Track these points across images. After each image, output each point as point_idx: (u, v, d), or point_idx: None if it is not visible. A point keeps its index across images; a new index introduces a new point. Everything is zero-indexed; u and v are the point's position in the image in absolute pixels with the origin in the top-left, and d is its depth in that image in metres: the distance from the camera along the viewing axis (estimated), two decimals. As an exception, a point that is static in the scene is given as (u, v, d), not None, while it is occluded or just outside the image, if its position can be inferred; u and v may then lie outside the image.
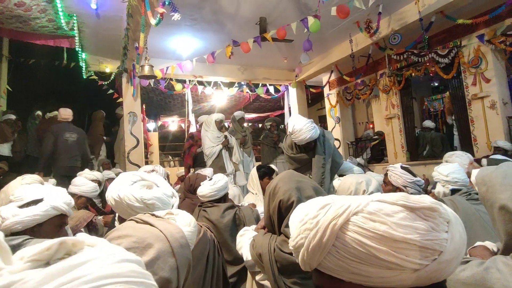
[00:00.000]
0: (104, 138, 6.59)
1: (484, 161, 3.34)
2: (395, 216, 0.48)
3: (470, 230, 1.70)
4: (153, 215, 0.88)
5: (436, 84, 7.45)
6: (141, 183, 1.27)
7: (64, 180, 4.01)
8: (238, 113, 5.28)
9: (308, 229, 0.53)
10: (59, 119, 4.80)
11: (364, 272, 0.48)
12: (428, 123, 6.38)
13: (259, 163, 5.47)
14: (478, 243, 1.13)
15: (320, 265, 0.53)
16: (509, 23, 4.52)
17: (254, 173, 2.92)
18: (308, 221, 0.54)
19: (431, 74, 5.61)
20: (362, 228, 0.49)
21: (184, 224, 0.93)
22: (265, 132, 5.40)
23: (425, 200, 0.49)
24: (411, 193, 1.79)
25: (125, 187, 1.23)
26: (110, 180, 3.98)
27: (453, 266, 0.49)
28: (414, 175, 1.84)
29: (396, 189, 2.03)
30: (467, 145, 5.23)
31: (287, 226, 1.27)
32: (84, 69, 5.65)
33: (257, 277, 1.38)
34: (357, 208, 0.50)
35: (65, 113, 4.70)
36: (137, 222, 0.82)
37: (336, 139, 7.65)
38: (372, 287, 0.49)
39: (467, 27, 4.83)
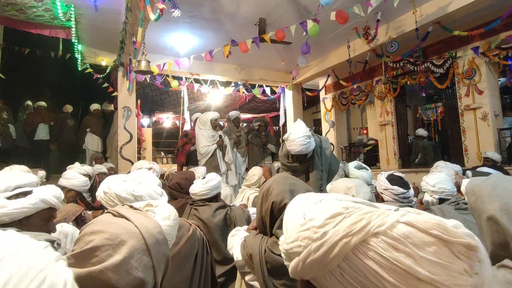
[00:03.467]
0: (87, 130, 6.50)
1: (469, 173, 3.41)
2: (426, 249, 0.39)
3: (457, 238, 1.73)
4: (131, 207, 0.84)
5: (423, 95, 7.55)
6: (132, 181, 1.29)
7: None
8: (233, 113, 5.27)
9: (311, 239, 0.45)
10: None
11: None
12: (421, 132, 6.47)
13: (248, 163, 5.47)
14: (465, 252, 1.14)
15: (314, 279, 0.46)
16: (503, 36, 4.61)
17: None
18: (312, 228, 0.45)
19: (422, 84, 5.68)
20: (380, 256, 0.40)
21: (163, 217, 0.88)
22: (253, 133, 5.39)
23: (460, 233, 0.40)
24: (385, 201, 1.80)
25: (116, 182, 1.24)
26: (101, 174, 3.94)
27: None
28: (401, 185, 1.81)
29: (377, 195, 2.02)
30: (458, 155, 5.31)
31: (278, 227, 1.27)
32: (79, 61, 5.58)
33: (247, 278, 1.38)
34: (380, 228, 0.41)
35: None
36: (113, 215, 0.77)
37: (330, 143, 7.69)
38: None
39: (463, 39, 4.91)
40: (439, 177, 2.09)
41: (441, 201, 2.04)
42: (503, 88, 5.48)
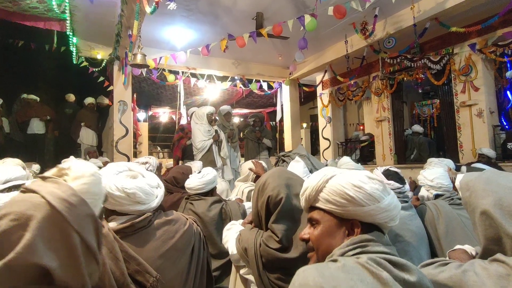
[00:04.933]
0: (82, 124, 6.46)
1: (463, 168, 3.45)
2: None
3: (451, 233, 1.74)
4: (42, 177, 0.78)
5: (420, 91, 7.59)
6: (126, 173, 1.25)
7: None
8: (224, 107, 5.21)
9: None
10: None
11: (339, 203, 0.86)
12: (417, 128, 6.50)
13: (244, 158, 5.48)
14: (457, 247, 1.16)
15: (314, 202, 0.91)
16: (500, 33, 4.62)
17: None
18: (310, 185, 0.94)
19: (419, 80, 5.69)
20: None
21: (75, 177, 0.80)
22: (249, 128, 5.39)
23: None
24: None
25: (108, 176, 1.20)
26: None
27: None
28: (397, 180, 1.83)
29: None
30: (453, 151, 5.35)
31: (274, 221, 1.28)
32: (74, 54, 5.51)
33: (242, 271, 1.39)
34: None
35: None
36: (22, 192, 0.72)
37: (326, 139, 7.72)
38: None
39: (460, 36, 4.92)
40: (437, 172, 2.10)
41: (436, 197, 2.05)
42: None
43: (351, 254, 0.79)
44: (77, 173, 0.81)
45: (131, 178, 1.23)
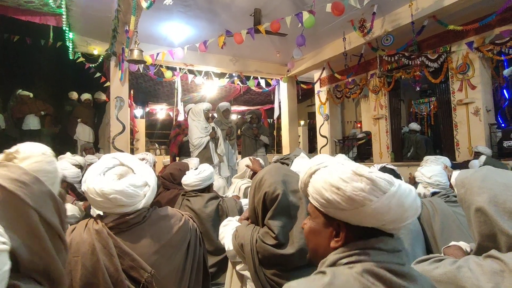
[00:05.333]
0: (78, 120, 6.42)
1: (483, 157, 3.63)
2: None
3: (446, 230, 1.75)
4: None
5: (418, 88, 7.59)
6: (114, 171, 1.19)
7: None
8: (223, 104, 5.21)
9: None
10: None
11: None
12: (414, 126, 6.52)
13: (241, 155, 5.47)
14: (452, 243, 1.16)
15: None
16: (498, 32, 4.63)
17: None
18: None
19: (416, 78, 5.70)
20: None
21: (23, 157, 0.79)
22: (246, 125, 5.39)
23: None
24: None
25: (93, 177, 1.15)
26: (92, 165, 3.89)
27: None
28: (394, 177, 1.85)
29: None
30: (449, 149, 5.38)
31: (270, 218, 1.28)
32: (71, 49, 5.46)
33: (238, 267, 1.39)
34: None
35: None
36: None
37: (324, 136, 7.73)
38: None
39: (458, 34, 4.92)
40: (435, 170, 2.11)
41: (433, 194, 2.06)
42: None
43: (344, 263, 0.70)
44: (25, 154, 0.80)
45: (118, 178, 1.17)
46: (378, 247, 0.70)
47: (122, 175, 1.19)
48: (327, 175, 0.76)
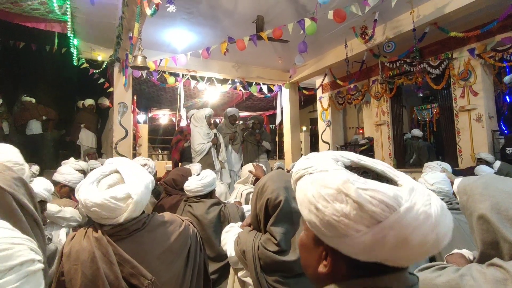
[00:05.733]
0: (81, 126, 6.46)
1: (498, 163, 3.65)
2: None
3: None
4: None
5: (421, 94, 7.62)
6: (107, 181, 1.16)
7: None
8: (231, 110, 5.26)
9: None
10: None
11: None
12: (416, 132, 6.51)
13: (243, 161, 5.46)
14: (455, 251, 1.16)
15: None
16: (499, 38, 4.64)
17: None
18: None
19: (418, 84, 5.71)
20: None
21: None
22: (248, 130, 5.40)
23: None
24: None
25: (84, 186, 1.13)
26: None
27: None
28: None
29: None
30: (452, 156, 5.35)
31: (272, 224, 1.28)
32: (75, 55, 5.52)
33: (240, 274, 1.38)
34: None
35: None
36: None
37: (326, 142, 7.72)
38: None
39: (459, 40, 4.94)
40: (438, 177, 2.10)
41: (436, 201, 2.05)
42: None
43: None
44: None
45: (108, 187, 1.15)
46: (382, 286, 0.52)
47: (111, 185, 1.15)
48: (308, 188, 0.57)
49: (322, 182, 0.55)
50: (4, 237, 0.54)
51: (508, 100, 5.24)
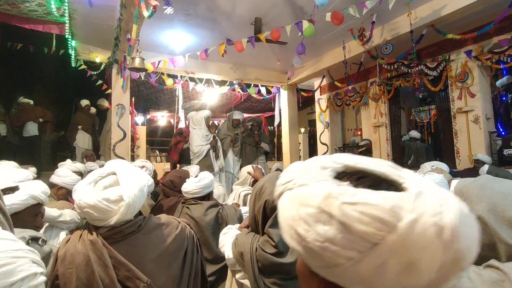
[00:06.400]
0: (79, 127, 6.43)
1: (486, 166, 3.65)
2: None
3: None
4: None
5: (421, 95, 7.65)
6: (104, 182, 1.16)
7: None
8: (236, 113, 5.25)
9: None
10: None
11: None
12: (414, 133, 6.53)
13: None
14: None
15: None
16: (496, 41, 4.67)
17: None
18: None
19: (416, 86, 5.74)
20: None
21: None
22: (246, 132, 5.38)
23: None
24: None
25: (81, 187, 1.13)
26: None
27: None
28: None
29: None
30: (450, 157, 5.37)
31: (270, 226, 1.28)
32: (73, 57, 5.51)
33: (237, 276, 1.38)
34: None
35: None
36: None
37: (324, 144, 7.73)
38: None
39: (456, 42, 4.97)
40: (436, 179, 2.10)
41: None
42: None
43: None
44: None
45: (103, 189, 1.15)
46: None
47: (107, 187, 1.15)
48: (286, 208, 0.47)
49: (301, 199, 0.45)
50: (5, 250, 0.52)
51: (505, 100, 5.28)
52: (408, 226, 0.37)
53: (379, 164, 0.49)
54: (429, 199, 0.39)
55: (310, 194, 0.44)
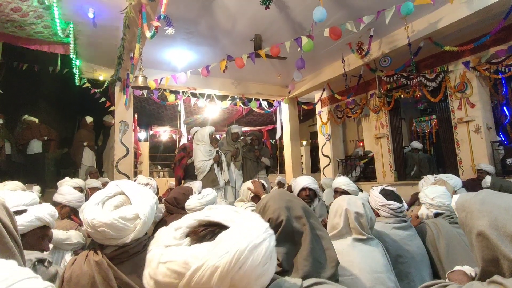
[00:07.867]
0: (84, 144, 6.46)
1: (488, 178, 3.63)
2: None
3: (452, 253, 1.73)
4: None
5: (422, 106, 7.68)
6: (112, 201, 1.17)
7: None
8: (234, 127, 5.23)
9: None
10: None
11: None
12: (416, 144, 6.53)
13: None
14: (456, 268, 1.15)
15: None
16: (493, 51, 4.73)
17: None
18: None
19: (416, 98, 5.77)
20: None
21: None
22: (247, 147, 5.34)
23: None
24: (384, 216, 1.81)
25: (89, 206, 1.14)
26: (92, 189, 3.89)
27: None
28: (395, 199, 1.82)
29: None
30: (452, 167, 5.35)
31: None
32: (77, 76, 5.62)
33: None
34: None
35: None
36: None
37: (326, 156, 7.73)
38: None
39: (454, 54, 5.02)
40: (438, 191, 2.10)
41: (437, 215, 2.05)
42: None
43: None
44: None
45: (113, 209, 1.15)
46: None
47: (118, 206, 1.16)
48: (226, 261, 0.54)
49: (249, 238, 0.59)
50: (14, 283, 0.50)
51: (507, 111, 5.29)
52: (192, 274, 0.50)
53: (222, 213, 0.65)
54: (221, 246, 0.53)
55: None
